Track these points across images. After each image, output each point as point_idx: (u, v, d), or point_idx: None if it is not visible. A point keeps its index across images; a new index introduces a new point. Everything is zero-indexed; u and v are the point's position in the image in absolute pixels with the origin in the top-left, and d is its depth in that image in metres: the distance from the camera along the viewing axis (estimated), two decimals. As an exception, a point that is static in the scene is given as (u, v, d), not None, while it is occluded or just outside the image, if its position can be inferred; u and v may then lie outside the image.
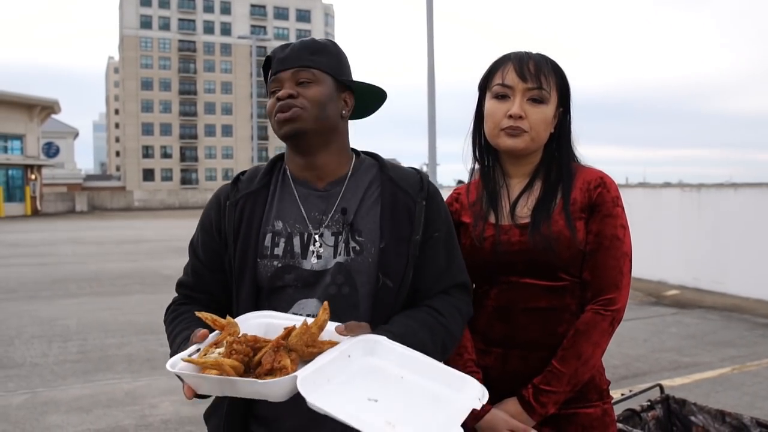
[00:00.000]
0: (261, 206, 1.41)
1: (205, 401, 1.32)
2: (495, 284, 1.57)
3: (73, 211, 43.03)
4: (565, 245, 1.49)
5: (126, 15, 79.23)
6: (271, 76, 1.40)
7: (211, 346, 1.12)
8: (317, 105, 1.36)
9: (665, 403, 2.64)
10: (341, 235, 1.36)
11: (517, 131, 1.53)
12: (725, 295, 8.74)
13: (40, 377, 5.22)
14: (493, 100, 1.57)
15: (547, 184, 1.58)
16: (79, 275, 11.50)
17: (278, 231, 1.38)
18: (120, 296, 9.27)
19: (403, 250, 1.36)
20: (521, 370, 1.53)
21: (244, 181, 1.46)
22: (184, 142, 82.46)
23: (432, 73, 13.16)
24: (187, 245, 1.53)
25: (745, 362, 5.50)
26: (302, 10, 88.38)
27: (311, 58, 1.39)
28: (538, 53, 1.60)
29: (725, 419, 2.49)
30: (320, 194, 1.41)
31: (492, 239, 1.55)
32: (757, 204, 8.78)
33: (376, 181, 1.44)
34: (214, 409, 1.44)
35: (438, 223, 1.43)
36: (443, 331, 1.36)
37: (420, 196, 1.41)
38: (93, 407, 4.49)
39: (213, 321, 1.17)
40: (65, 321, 7.46)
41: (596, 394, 1.55)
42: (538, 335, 1.52)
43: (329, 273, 1.35)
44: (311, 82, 1.37)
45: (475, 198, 1.64)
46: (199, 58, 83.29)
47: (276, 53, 1.41)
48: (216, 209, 1.45)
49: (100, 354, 5.96)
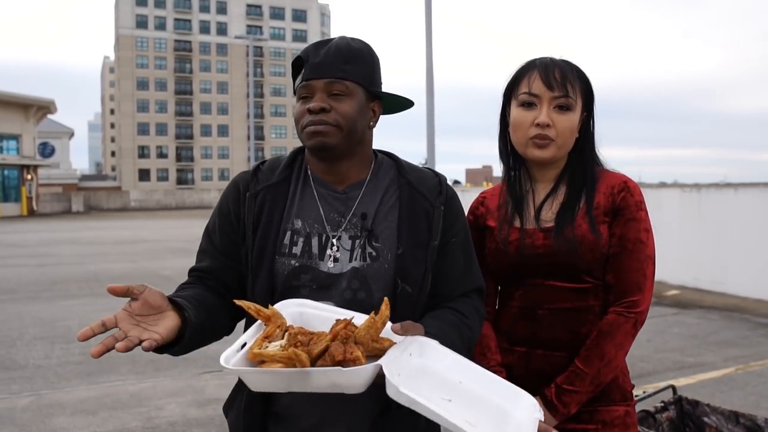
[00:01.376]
0: (282, 201, 1.40)
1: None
2: (520, 286, 1.59)
3: (70, 212, 42.91)
4: (588, 248, 1.51)
5: (122, 15, 79.07)
6: (303, 81, 1.36)
7: (263, 340, 1.09)
8: (348, 121, 1.35)
9: (678, 404, 2.65)
10: (358, 240, 1.36)
11: (545, 141, 1.54)
12: (725, 295, 8.77)
13: (43, 379, 5.21)
14: (520, 108, 1.58)
15: (571, 188, 1.60)
16: (78, 276, 11.47)
17: (297, 229, 1.38)
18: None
19: (420, 256, 1.37)
20: (544, 368, 1.54)
21: (265, 171, 1.44)
22: (180, 142, 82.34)
23: (431, 74, 13.14)
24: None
25: (748, 362, 5.51)
26: (298, 10, 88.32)
27: (345, 68, 1.36)
28: (562, 59, 1.60)
29: (739, 420, 2.50)
30: (339, 196, 1.40)
31: (517, 243, 1.57)
32: (757, 204, 8.81)
33: (394, 184, 1.43)
34: (231, 403, 1.44)
35: (456, 228, 1.44)
36: (469, 332, 1.37)
37: (439, 201, 1.41)
38: (99, 409, 4.47)
39: (257, 311, 1.14)
40: (67, 322, 7.44)
41: (619, 394, 1.57)
42: (561, 335, 1.54)
43: (345, 277, 1.34)
44: (344, 95, 1.35)
45: (500, 202, 1.66)
46: (195, 58, 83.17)
47: (309, 56, 1.36)
48: (235, 197, 1.43)
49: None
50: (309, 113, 1.34)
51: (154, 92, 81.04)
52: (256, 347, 1.07)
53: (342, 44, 1.38)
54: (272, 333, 1.10)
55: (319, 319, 1.19)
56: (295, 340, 1.05)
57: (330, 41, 1.39)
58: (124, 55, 79.11)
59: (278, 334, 1.11)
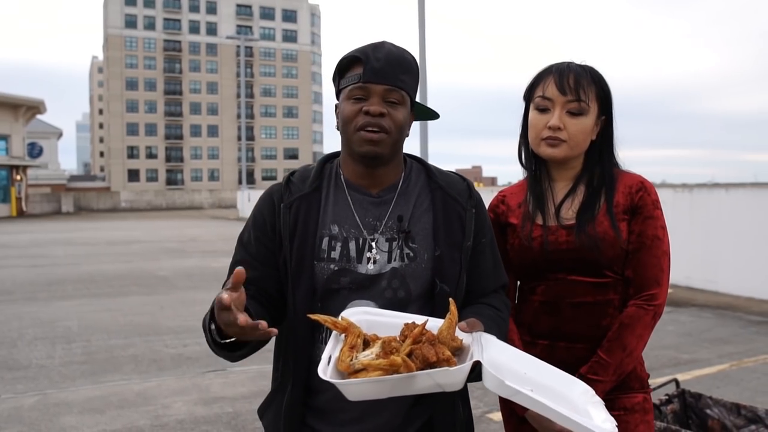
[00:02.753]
0: (315, 209, 1.45)
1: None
2: (542, 281, 1.68)
3: (59, 212, 42.63)
4: (609, 244, 1.60)
5: (110, 14, 78.61)
6: (360, 81, 1.38)
7: (351, 350, 1.13)
8: (399, 130, 1.41)
9: (682, 397, 2.74)
10: (396, 242, 1.43)
11: (556, 141, 1.64)
12: (717, 294, 8.92)
13: (48, 379, 5.23)
14: (535, 111, 1.68)
15: (590, 188, 1.69)
16: (74, 276, 11.45)
17: (334, 235, 1.43)
18: (118, 297, 9.25)
19: (456, 257, 1.44)
20: (567, 360, 1.62)
21: (296, 182, 1.49)
22: (170, 143, 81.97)
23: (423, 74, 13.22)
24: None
25: (742, 359, 5.63)
26: (288, 10, 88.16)
27: (403, 78, 1.40)
28: (579, 64, 1.68)
29: (740, 412, 2.59)
30: (374, 200, 1.46)
31: (540, 239, 1.66)
32: (748, 204, 8.96)
33: (425, 188, 1.50)
34: (269, 403, 1.50)
35: (485, 229, 1.52)
36: (504, 325, 1.46)
37: (470, 204, 1.49)
38: (106, 408, 4.51)
39: (333, 323, 1.19)
40: (66, 322, 7.45)
41: (638, 383, 1.66)
42: (583, 328, 1.63)
43: (385, 277, 1.41)
44: (398, 104, 1.40)
45: (521, 200, 1.75)
46: (184, 58, 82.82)
47: (369, 58, 1.38)
48: (270, 209, 1.48)
49: (105, 355, 5.97)
50: (367, 115, 1.37)
51: (144, 92, 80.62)
52: (346, 358, 1.10)
53: (398, 53, 1.42)
54: (356, 343, 1.14)
55: (385, 325, 1.25)
56: (390, 347, 1.09)
57: (384, 45, 1.42)
58: (113, 54, 78.65)
59: (360, 344, 1.15)
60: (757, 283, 8.57)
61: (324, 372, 1.06)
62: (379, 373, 1.04)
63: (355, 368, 1.07)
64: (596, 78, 1.67)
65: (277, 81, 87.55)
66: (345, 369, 1.08)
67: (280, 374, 1.48)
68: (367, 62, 1.38)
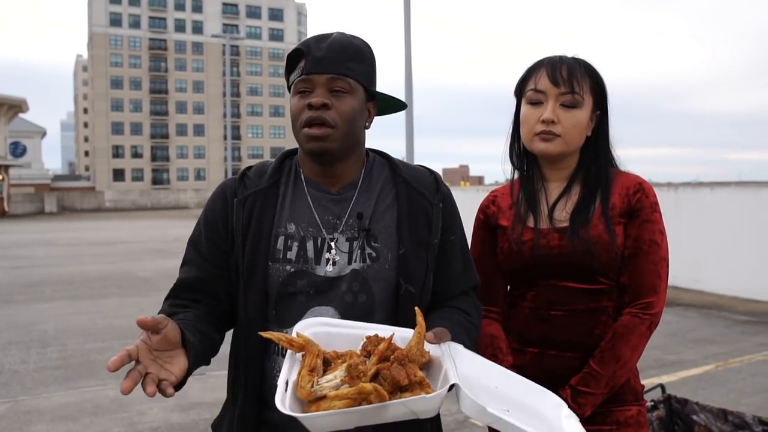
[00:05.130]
0: (272, 206, 1.35)
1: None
2: (532, 286, 1.58)
3: (43, 212, 42.14)
4: (603, 249, 1.50)
5: (95, 12, 77.84)
6: (303, 74, 1.30)
7: (311, 374, 1.00)
8: (348, 122, 1.31)
9: (667, 402, 2.67)
10: (356, 241, 1.33)
11: (550, 136, 1.54)
12: (702, 293, 8.91)
13: (20, 385, 5.09)
14: (528, 105, 1.58)
15: (585, 188, 1.59)
16: (54, 278, 11.26)
17: (291, 234, 1.33)
18: (97, 299, 9.09)
19: (422, 255, 1.34)
20: (557, 369, 1.54)
21: (252, 177, 1.39)
22: (155, 142, 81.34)
23: (409, 73, 13.15)
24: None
25: (727, 359, 5.60)
26: (275, 9, 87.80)
27: (349, 66, 1.31)
28: (572, 57, 1.59)
29: (727, 418, 2.52)
30: (333, 197, 1.36)
31: (531, 243, 1.56)
32: (732, 203, 8.96)
33: (388, 183, 1.40)
34: (222, 417, 1.40)
35: (454, 226, 1.42)
36: (475, 331, 1.36)
37: (437, 198, 1.39)
38: (79, 415, 4.38)
39: (289, 342, 1.06)
40: (42, 326, 7.29)
41: (632, 395, 1.57)
42: (575, 336, 1.54)
43: (345, 280, 1.30)
44: (345, 93, 1.31)
45: (512, 201, 1.65)
46: (170, 57, 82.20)
47: (311, 49, 1.30)
48: (222, 205, 1.37)
49: (81, 360, 5.83)
50: (309, 108, 1.29)
51: (129, 91, 79.92)
52: (306, 384, 0.98)
53: (344, 40, 1.33)
54: (315, 364, 1.02)
55: (346, 338, 1.14)
56: (357, 371, 0.97)
57: (330, 35, 1.34)
58: (97, 53, 77.87)
59: (319, 364, 1.03)
60: (742, 283, 8.57)
61: (282, 403, 0.93)
62: (347, 402, 0.93)
63: (316, 395, 0.96)
64: (590, 71, 1.58)
65: (263, 80, 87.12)
66: (305, 397, 0.96)
67: (232, 386, 1.38)
68: (309, 53, 1.30)
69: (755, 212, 8.66)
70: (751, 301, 8.28)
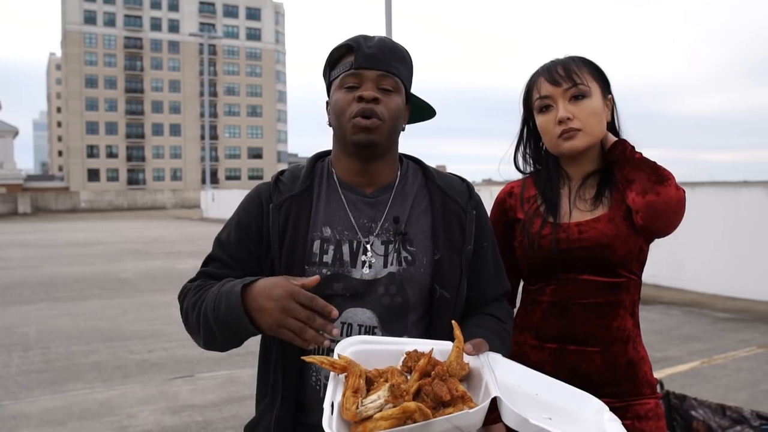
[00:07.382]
0: (307, 210, 1.36)
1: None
2: (552, 281, 1.60)
3: (16, 213, 41.35)
4: (623, 241, 1.54)
5: (69, 10, 76.59)
6: (352, 68, 1.32)
7: (355, 395, 1.01)
8: (393, 118, 1.33)
9: (666, 398, 2.70)
10: (392, 245, 1.34)
11: (571, 133, 1.56)
12: (683, 291, 9.05)
13: (4, 389, 4.98)
14: (541, 115, 1.61)
15: (603, 183, 1.61)
16: (32, 280, 11.05)
17: (327, 237, 1.34)
18: (78, 301, 8.94)
19: (456, 261, 1.36)
20: (577, 364, 1.56)
21: (286, 182, 1.40)
22: (131, 142, 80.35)
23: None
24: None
25: (712, 356, 5.69)
26: (252, 8, 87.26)
27: (397, 66, 1.34)
28: (565, 57, 1.62)
29: (725, 413, 2.56)
30: (368, 200, 1.37)
31: (550, 237, 1.57)
32: (713, 203, 9.11)
33: (423, 188, 1.42)
34: (258, 422, 1.39)
35: (486, 233, 1.44)
36: (508, 337, 1.38)
37: (470, 206, 1.41)
38: (67, 420, 4.30)
39: (331, 364, 1.06)
40: (23, 328, 7.15)
41: (649, 388, 1.60)
42: (593, 330, 1.56)
43: (381, 283, 1.32)
44: (393, 92, 1.33)
45: (530, 195, 1.66)
46: (146, 56, 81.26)
47: (361, 45, 1.32)
48: (257, 210, 1.38)
49: (65, 363, 5.73)
50: (361, 101, 1.30)
51: (104, 90, 78.81)
52: (351, 405, 0.99)
53: (390, 42, 1.37)
54: (359, 385, 1.02)
55: (385, 354, 1.14)
56: (400, 390, 0.98)
57: (375, 36, 1.37)
58: (71, 51, 76.64)
59: (363, 385, 1.03)
60: (722, 281, 8.72)
61: (329, 426, 0.94)
62: (392, 422, 0.93)
63: (362, 416, 0.96)
64: (585, 60, 1.62)
65: (240, 79, 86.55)
66: (351, 418, 0.97)
67: (270, 389, 1.37)
68: (359, 49, 1.32)
69: (734, 212, 8.82)
70: (730, 299, 8.43)
